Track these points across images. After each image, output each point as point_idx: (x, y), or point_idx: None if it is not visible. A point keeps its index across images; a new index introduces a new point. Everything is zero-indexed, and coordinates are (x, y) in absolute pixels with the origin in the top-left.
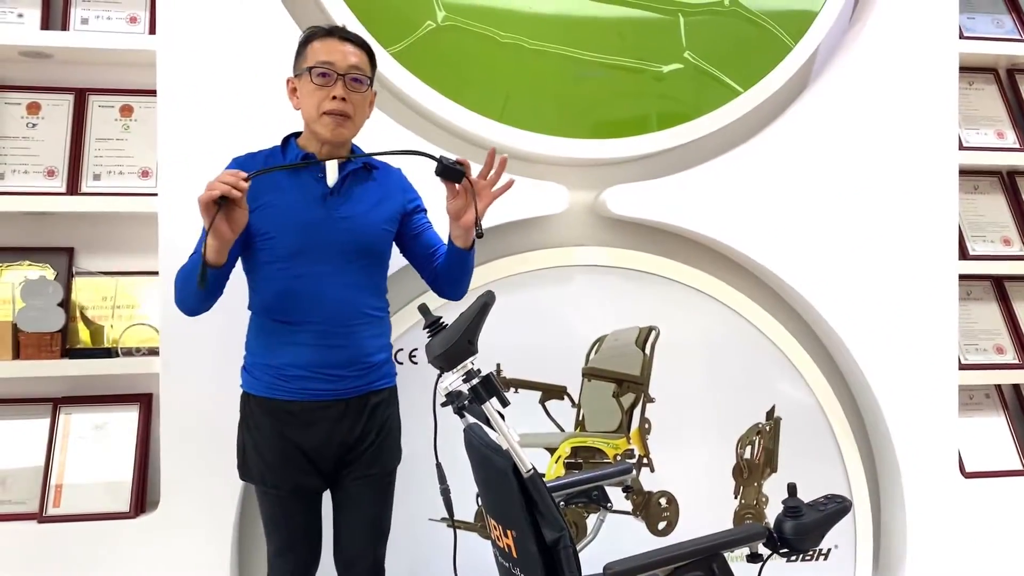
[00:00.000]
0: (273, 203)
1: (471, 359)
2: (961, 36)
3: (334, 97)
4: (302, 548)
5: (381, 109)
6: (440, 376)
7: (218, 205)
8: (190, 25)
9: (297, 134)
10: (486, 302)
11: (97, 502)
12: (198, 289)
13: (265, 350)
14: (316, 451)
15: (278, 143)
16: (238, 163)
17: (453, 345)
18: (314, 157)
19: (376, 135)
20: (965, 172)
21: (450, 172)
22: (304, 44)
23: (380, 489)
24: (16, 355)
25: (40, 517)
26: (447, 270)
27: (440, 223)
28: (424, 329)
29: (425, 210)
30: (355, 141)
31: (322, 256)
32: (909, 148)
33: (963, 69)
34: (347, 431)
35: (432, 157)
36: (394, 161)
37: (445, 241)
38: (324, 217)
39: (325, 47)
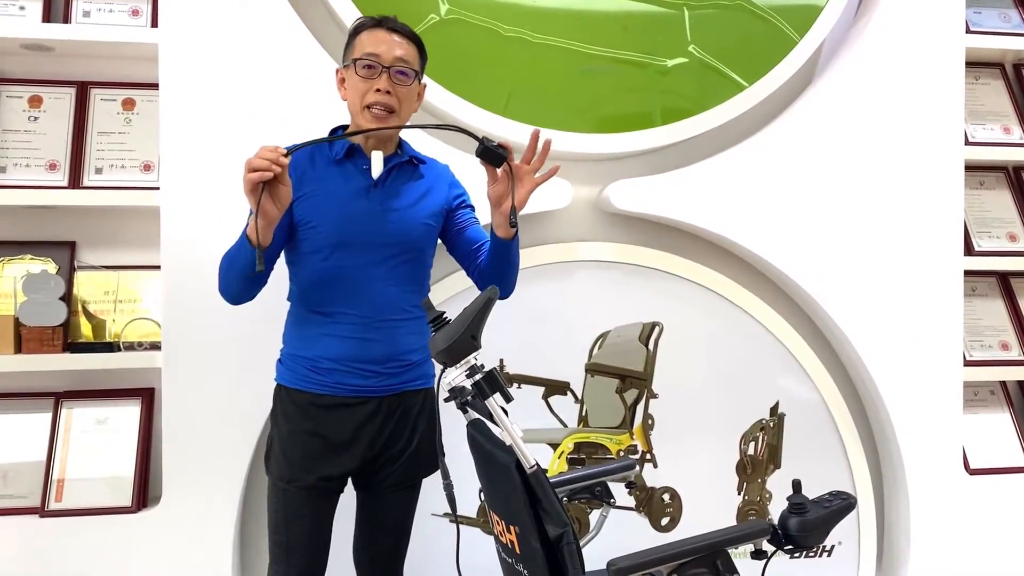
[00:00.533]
0: (316, 192)
1: (474, 355)
2: (967, 30)
3: (378, 90)
4: (304, 554)
5: None
6: (443, 371)
7: (261, 185)
8: (192, 18)
9: (345, 127)
10: (490, 297)
11: (99, 496)
12: (249, 274)
13: (300, 341)
14: (343, 447)
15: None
16: (294, 160)
17: (456, 341)
18: (360, 148)
19: None
20: (971, 167)
21: (491, 155)
22: (353, 35)
23: (413, 498)
24: (18, 349)
25: (42, 511)
26: (491, 264)
27: (484, 213)
28: (427, 324)
29: (472, 207)
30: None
31: (363, 249)
32: (914, 143)
33: (969, 64)
34: (377, 430)
35: (475, 137)
36: (443, 156)
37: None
38: (367, 210)
39: (372, 38)
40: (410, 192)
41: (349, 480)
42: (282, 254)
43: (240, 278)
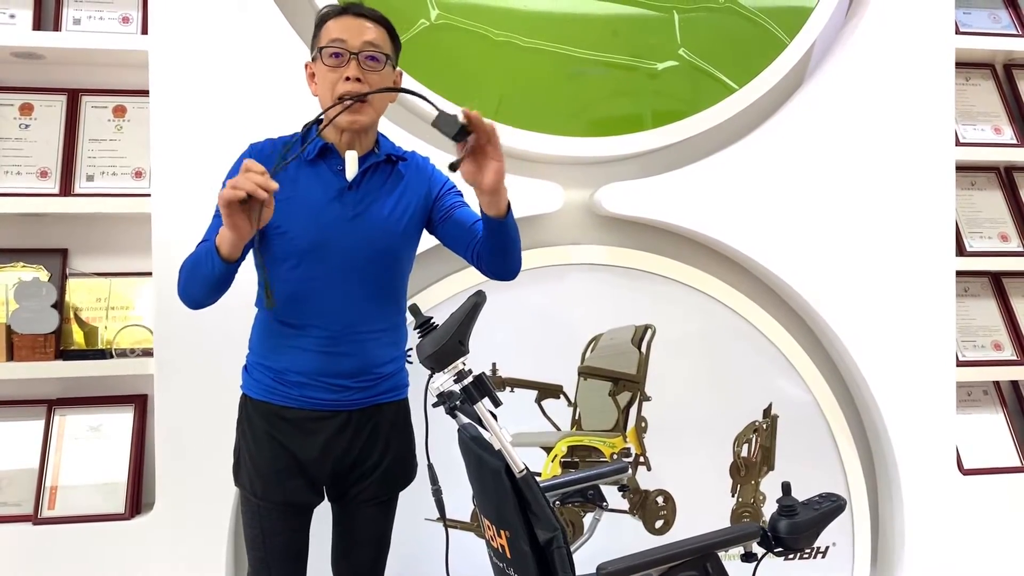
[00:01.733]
0: (288, 196)
1: (462, 359)
2: (957, 31)
3: (347, 78)
4: (284, 566)
5: None
6: (431, 377)
7: (241, 203)
8: (182, 25)
9: (318, 122)
10: (477, 302)
11: (92, 504)
12: (213, 282)
13: (268, 351)
14: (312, 463)
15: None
16: (256, 149)
17: (443, 346)
18: (333, 147)
19: None
20: (962, 168)
21: (447, 126)
22: (319, 26)
23: (391, 509)
24: (10, 357)
25: (35, 519)
26: (487, 246)
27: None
28: (415, 329)
29: (458, 192)
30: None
31: (335, 257)
32: (905, 144)
33: (959, 64)
34: (347, 445)
35: (430, 103)
36: (422, 150)
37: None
38: (339, 215)
39: (338, 25)
40: (387, 194)
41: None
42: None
43: (205, 285)
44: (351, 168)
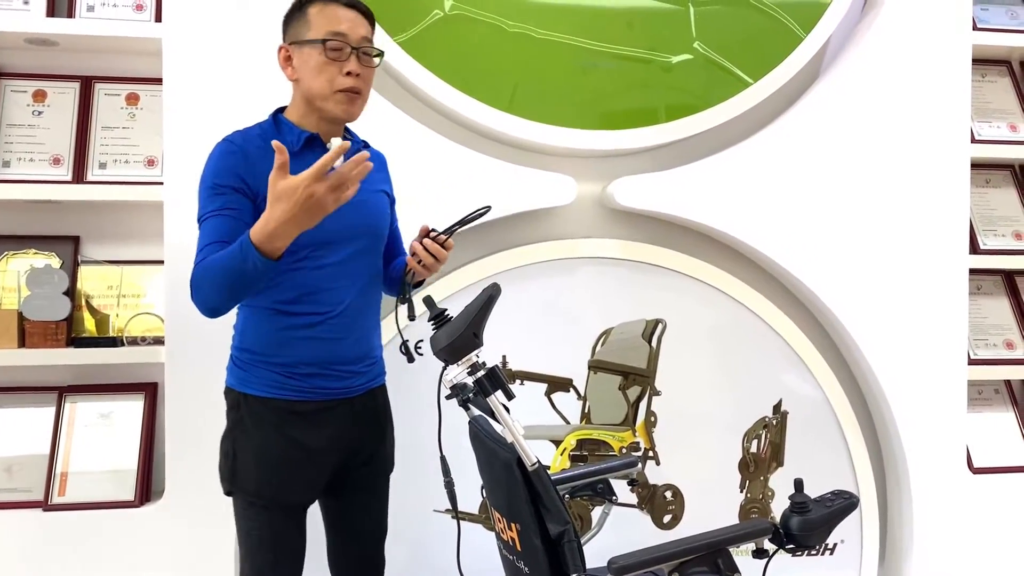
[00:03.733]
0: None
1: (476, 352)
2: (974, 27)
3: (348, 73)
4: (287, 573)
5: (387, 98)
6: (445, 368)
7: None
8: (196, 13)
9: (284, 108)
10: (492, 294)
11: (102, 491)
12: (245, 284)
13: (274, 346)
14: (321, 454)
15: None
16: (230, 142)
17: (458, 338)
18: (319, 138)
19: (383, 124)
20: (977, 165)
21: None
22: (301, 7)
23: (384, 493)
24: (22, 343)
25: (45, 505)
26: (390, 273)
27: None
28: (429, 321)
29: (394, 201)
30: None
31: (340, 244)
32: (920, 141)
33: (976, 61)
34: (356, 433)
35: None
36: (376, 145)
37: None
38: None
39: (332, 15)
40: (370, 179)
41: None
42: None
43: (239, 289)
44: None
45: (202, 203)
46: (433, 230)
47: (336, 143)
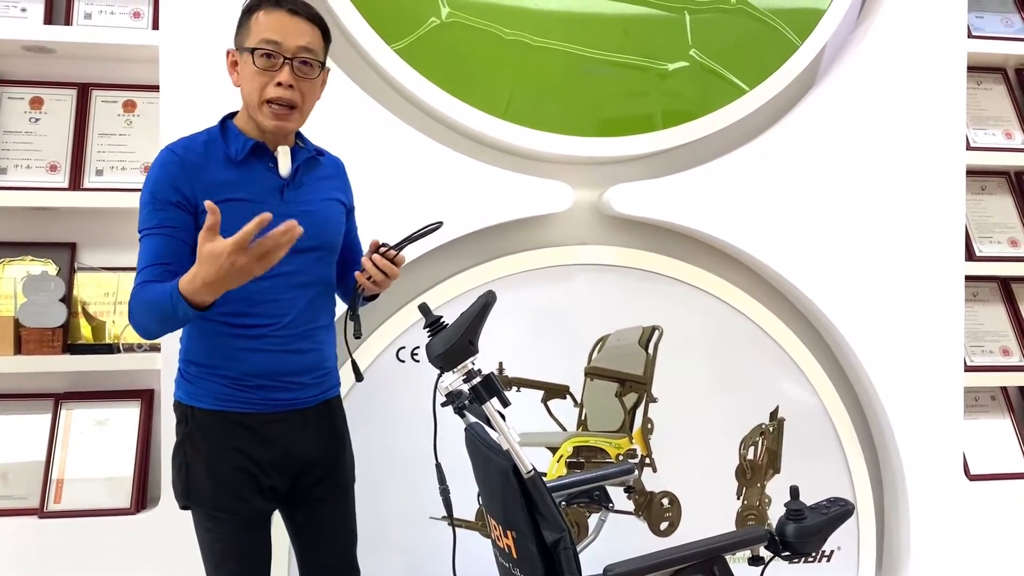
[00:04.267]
0: (226, 201)
1: (472, 359)
2: (969, 35)
3: (279, 84)
4: None
5: (384, 105)
6: (440, 376)
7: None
8: (193, 20)
9: (234, 114)
10: (487, 302)
11: (98, 498)
12: (173, 325)
13: (221, 358)
14: (273, 467)
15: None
16: (177, 155)
17: (453, 345)
18: (265, 146)
19: (378, 131)
20: (972, 172)
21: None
22: (248, 13)
23: (350, 501)
24: (18, 350)
25: (41, 512)
26: (343, 284)
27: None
28: (424, 328)
29: (353, 210)
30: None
31: (288, 255)
32: (916, 148)
33: (971, 68)
34: (309, 445)
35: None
36: (334, 151)
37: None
38: (284, 212)
39: (271, 22)
40: (321, 188)
41: None
42: None
43: (166, 327)
44: (284, 164)
45: (142, 216)
46: (384, 245)
47: (283, 152)
